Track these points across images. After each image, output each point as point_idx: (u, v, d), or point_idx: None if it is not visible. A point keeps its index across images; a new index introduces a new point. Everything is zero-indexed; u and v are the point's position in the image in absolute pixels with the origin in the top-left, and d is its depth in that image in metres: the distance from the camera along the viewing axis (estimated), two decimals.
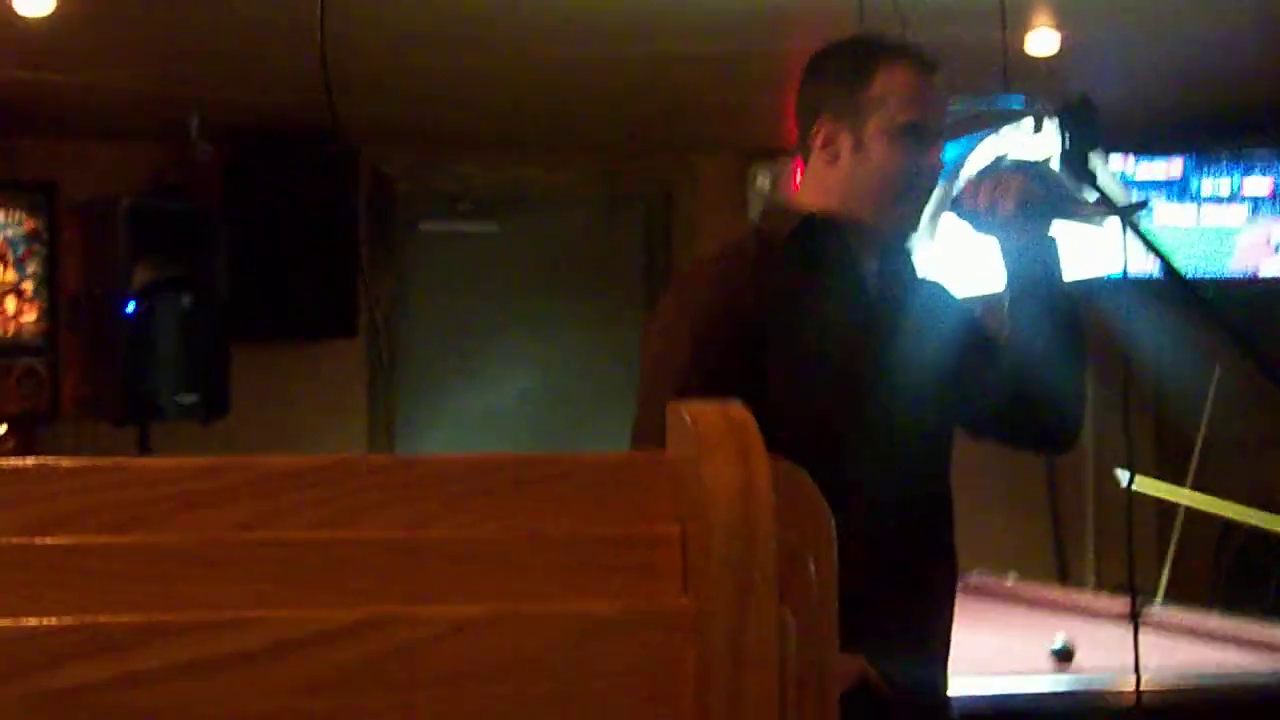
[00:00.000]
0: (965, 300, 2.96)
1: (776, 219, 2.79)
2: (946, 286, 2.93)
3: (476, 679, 1.08)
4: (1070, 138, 2.61)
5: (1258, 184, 6.75)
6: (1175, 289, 2.66)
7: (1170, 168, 6.79)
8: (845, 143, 2.70)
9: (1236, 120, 6.67)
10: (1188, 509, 6.64)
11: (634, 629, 1.09)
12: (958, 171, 3.00)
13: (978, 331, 2.87)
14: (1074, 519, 7.33)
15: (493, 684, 1.08)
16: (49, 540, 1.05)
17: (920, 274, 2.88)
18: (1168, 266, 2.38)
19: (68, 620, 1.03)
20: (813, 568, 1.13)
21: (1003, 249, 2.78)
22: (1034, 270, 2.76)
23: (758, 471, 1.10)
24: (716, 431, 1.11)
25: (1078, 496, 7.39)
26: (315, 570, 1.08)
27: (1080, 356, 2.82)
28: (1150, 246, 2.43)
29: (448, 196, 7.64)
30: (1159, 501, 7.29)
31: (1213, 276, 6.65)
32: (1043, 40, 5.45)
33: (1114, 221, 2.61)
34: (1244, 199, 6.76)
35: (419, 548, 1.09)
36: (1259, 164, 6.74)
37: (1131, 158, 6.74)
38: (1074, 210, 2.69)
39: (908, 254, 2.84)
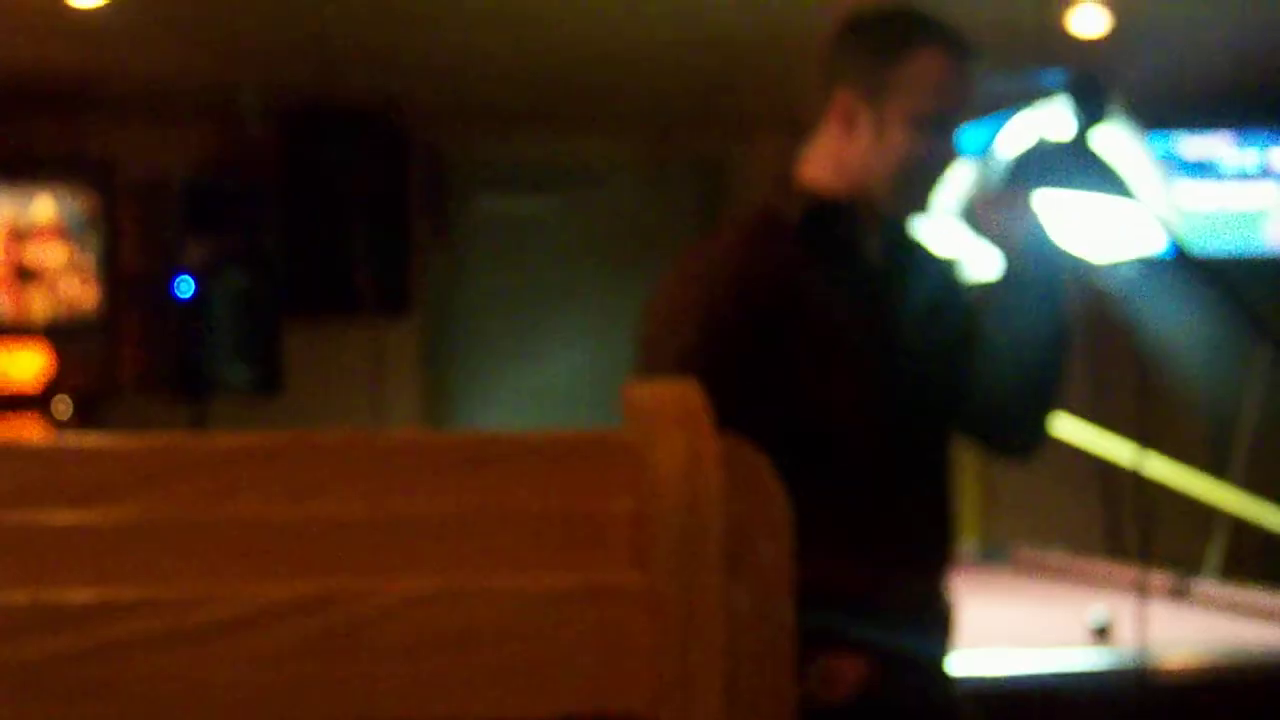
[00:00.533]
0: (971, 284, 2.89)
1: (786, 198, 2.68)
2: (959, 262, 2.87)
3: (431, 651, 1.10)
4: (1076, 117, 2.59)
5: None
6: (1188, 270, 2.63)
7: (1214, 144, 6.74)
8: (864, 119, 2.62)
9: None
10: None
11: (586, 602, 1.12)
12: (992, 149, 2.98)
13: (974, 323, 2.81)
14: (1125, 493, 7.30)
15: (447, 656, 1.10)
16: (7, 516, 1.07)
17: (931, 250, 2.81)
18: (1178, 248, 2.37)
19: (25, 595, 1.06)
20: (766, 545, 1.15)
21: (1006, 260, 2.70)
22: (1033, 286, 2.68)
23: (706, 449, 1.12)
24: (666, 410, 1.13)
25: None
26: (272, 546, 1.10)
27: (1057, 376, 2.74)
28: (1163, 228, 2.41)
29: (501, 172, 7.68)
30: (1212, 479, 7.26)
31: (1242, 254, 6.61)
32: (1086, 17, 5.42)
33: (1134, 201, 2.59)
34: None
35: (374, 524, 1.12)
36: None
37: (1178, 134, 6.70)
38: (1095, 186, 2.64)
39: (912, 235, 2.76)
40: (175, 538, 1.10)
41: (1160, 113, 6.56)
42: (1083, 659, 3.60)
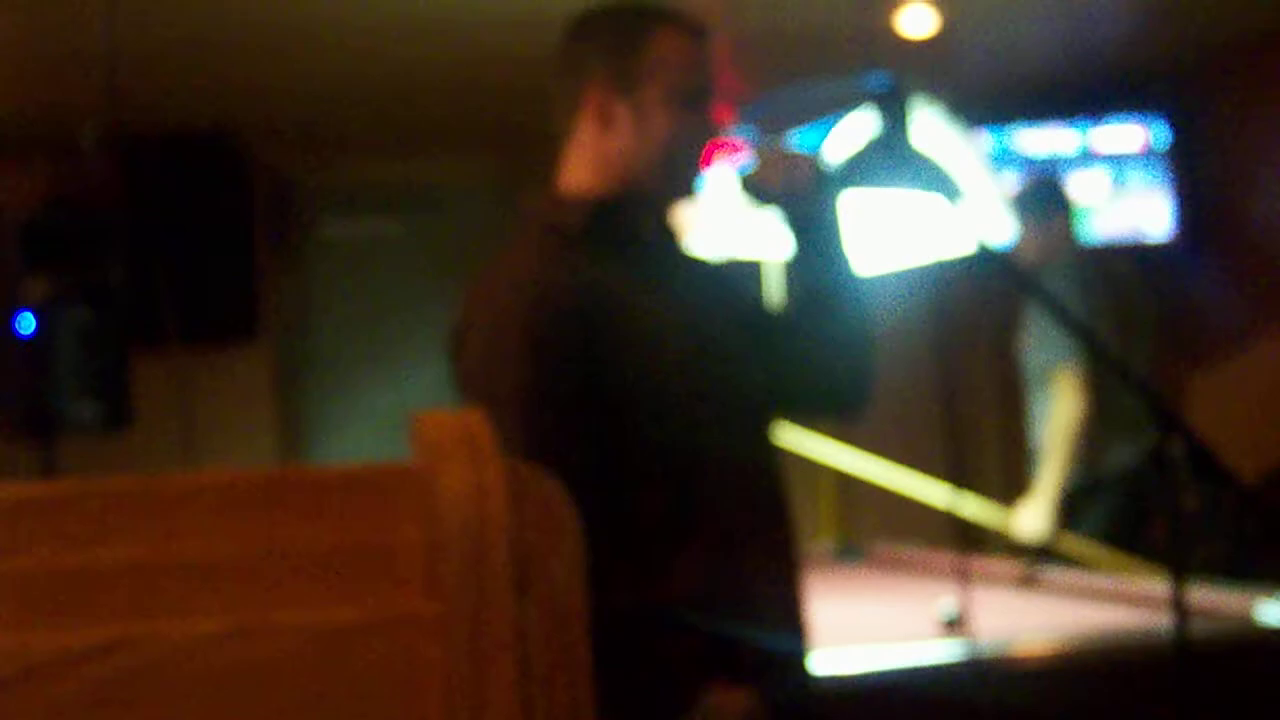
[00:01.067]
0: (725, 267, 2.91)
1: (560, 208, 2.64)
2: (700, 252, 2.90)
3: (227, 690, 1.12)
4: (882, 123, 2.64)
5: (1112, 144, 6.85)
6: (996, 268, 2.68)
7: (1045, 136, 6.88)
8: (621, 111, 2.60)
9: (1113, 86, 6.77)
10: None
11: (378, 633, 1.13)
12: (819, 153, 3.02)
13: (757, 300, 2.85)
14: (978, 484, 7.41)
15: (243, 693, 1.12)
16: None
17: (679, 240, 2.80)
18: (986, 246, 2.42)
19: None
20: (557, 566, 1.17)
21: (789, 222, 2.72)
22: (819, 242, 2.70)
23: (490, 475, 1.14)
24: (450, 439, 1.15)
25: (978, 459, 7.48)
26: (61, 594, 1.11)
27: (864, 324, 2.76)
28: (969, 236, 2.47)
29: (346, 195, 7.66)
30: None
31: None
32: (915, 18, 5.51)
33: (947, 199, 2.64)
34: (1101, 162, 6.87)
35: (164, 567, 1.13)
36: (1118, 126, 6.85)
37: (1010, 127, 6.83)
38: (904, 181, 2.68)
39: (672, 224, 2.75)
40: None
41: (991, 108, 6.69)
42: (932, 652, 3.65)
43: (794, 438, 5.17)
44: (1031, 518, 5.53)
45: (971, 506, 5.58)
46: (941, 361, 5.29)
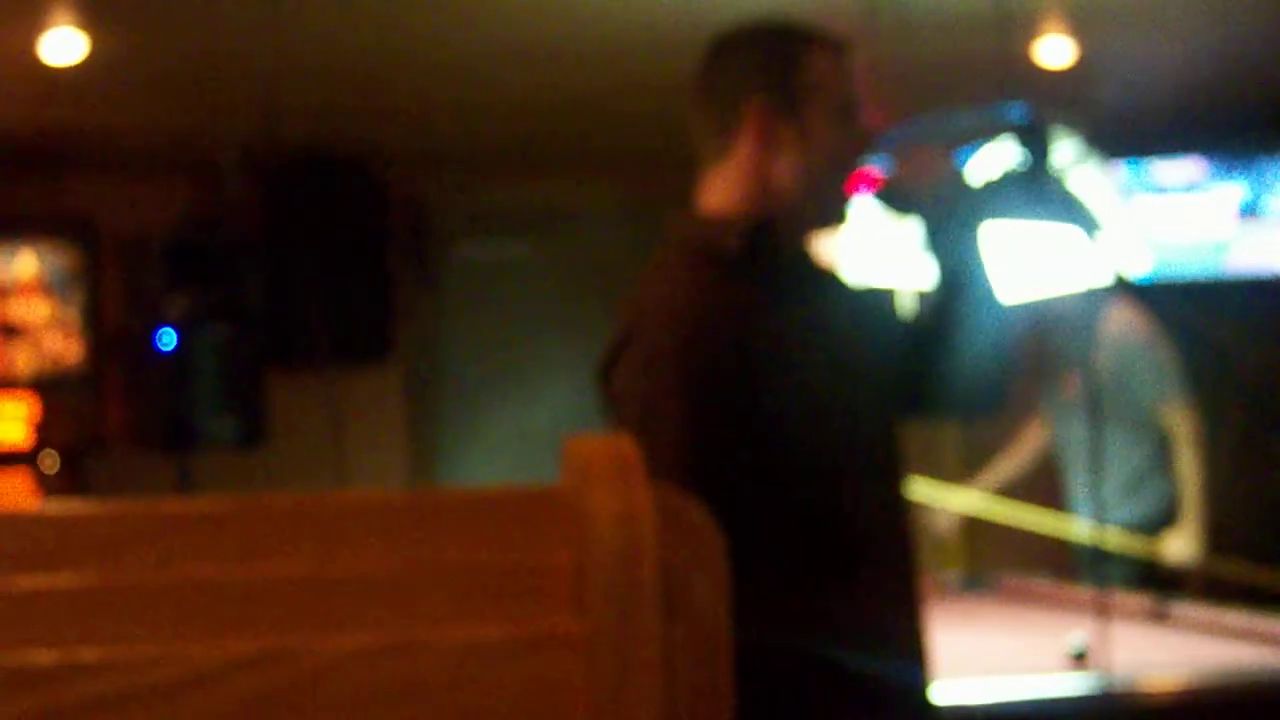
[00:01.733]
0: (871, 293, 2.88)
1: (714, 231, 2.59)
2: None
3: (377, 705, 1.14)
4: (1023, 154, 2.63)
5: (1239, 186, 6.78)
6: (1134, 299, 2.67)
7: (1181, 170, 6.81)
8: (787, 131, 2.56)
9: (1256, 119, 6.69)
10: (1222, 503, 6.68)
11: (526, 652, 1.16)
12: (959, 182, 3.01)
13: (899, 321, 2.82)
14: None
15: (392, 709, 1.15)
16: None
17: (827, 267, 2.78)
18: (1122, 278, 2.42)
19: None
20: (703, 587, 1.19)
21: (927, 228, 2.69)
22: (958, 248, 2.67)
23: (639, 498, 1.16)
24: (600, 462, 1.17)
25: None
26: (221, 606, 1.15)
27: (998, 325, 2.72)
28: (1104, 265, 2.46)
29: (481, 217, 7.74)
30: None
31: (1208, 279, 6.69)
32: (1054, 48, 5.49)
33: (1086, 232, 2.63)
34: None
35: (319, 582, 1.16)
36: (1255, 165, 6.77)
37: (1146, 160, 6.77)
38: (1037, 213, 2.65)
39: (818, 250, 2.73)
40: (131, 601, 1.15)
41: (1127, 140, 6.63)
42: (1060, 685, 3.62)
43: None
44: (1181, 544, 5.54)
45: (1109, 537, 5.54)
46: (1088, 390, 5.23)
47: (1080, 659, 3.85)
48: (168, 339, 6.10)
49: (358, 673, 1.14)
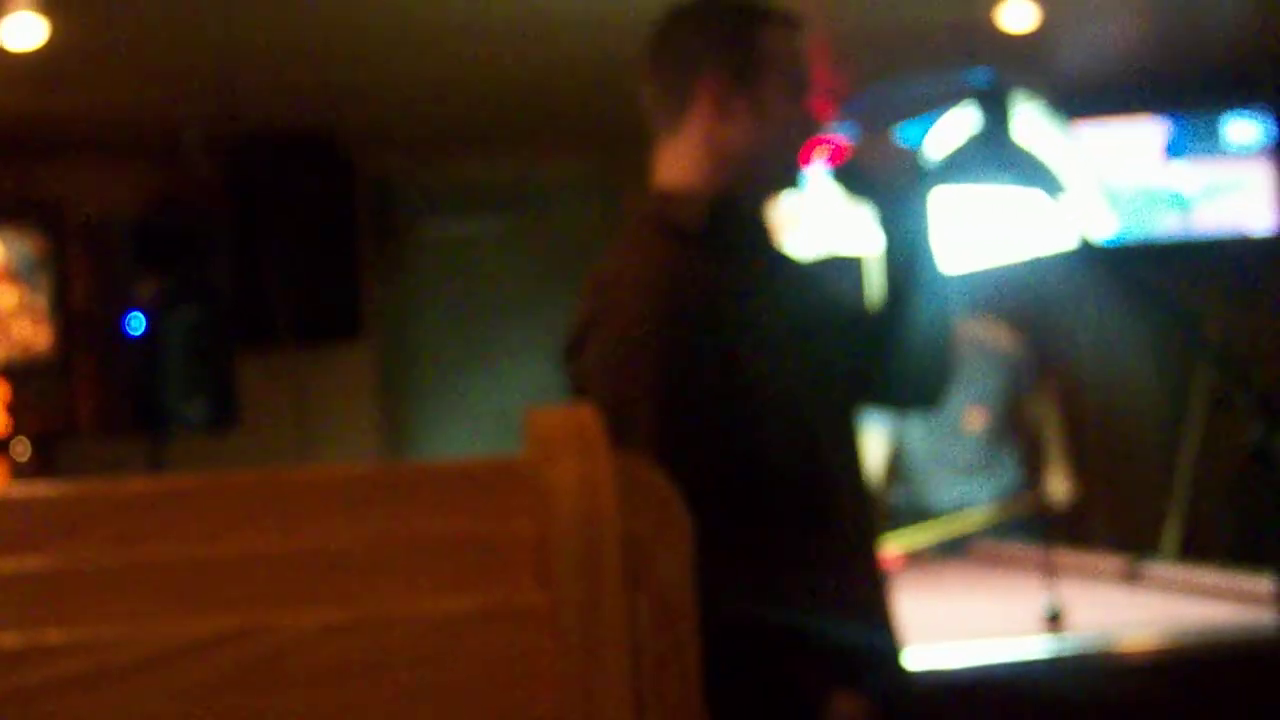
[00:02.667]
0: (820, 265, 2.90)
1: (675, 206, 2.58)
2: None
3: (346, 678, 1.15)
4: (984, 119, 2.63)
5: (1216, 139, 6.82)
6: (1101, 261, 2.67)
7: (1148, 130, 6.83)
8: (741, 104, 2.56)
9: (1218, 80, 6.71)
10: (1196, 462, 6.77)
11: (491, 624, 1.16)
12: (921, 150, 3.01)
13: (850, 299, 2.84)
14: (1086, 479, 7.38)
15: (362, 682, 1.15)
16: None
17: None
18: (1088, 241, 2.42)
19: None
20: (666, 557, 1.20)
21: (881, 218, 2.69)
22: (908, 238, 2.68)
23: (599, 468, 1.16)
24: (561, 433, 1.18)
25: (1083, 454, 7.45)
26: (189, 584, 1.15)
27: (943, 322, 2.75)
28: (1068, 228, 2.46)
29: (448, 194, 7.72)
30: (1166, 457, 7.38)
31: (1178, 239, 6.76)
32: (1017, 14, 5.48)
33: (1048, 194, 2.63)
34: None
35: (286, 558, 1.16)
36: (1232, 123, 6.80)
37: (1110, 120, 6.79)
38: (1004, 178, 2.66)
39: (771, 223, 2.72)
40: (97, 581, 1.15)
41: (1089, 102, 6.64)
42: (1034, 647, 3.64)
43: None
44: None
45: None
46: (1050, 360, 5.38)
47: (1054, 620, 3.87)
48: (136, 323, 6.06)
49: (324, 648, 1.14)
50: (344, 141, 7.07)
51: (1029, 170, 2.67)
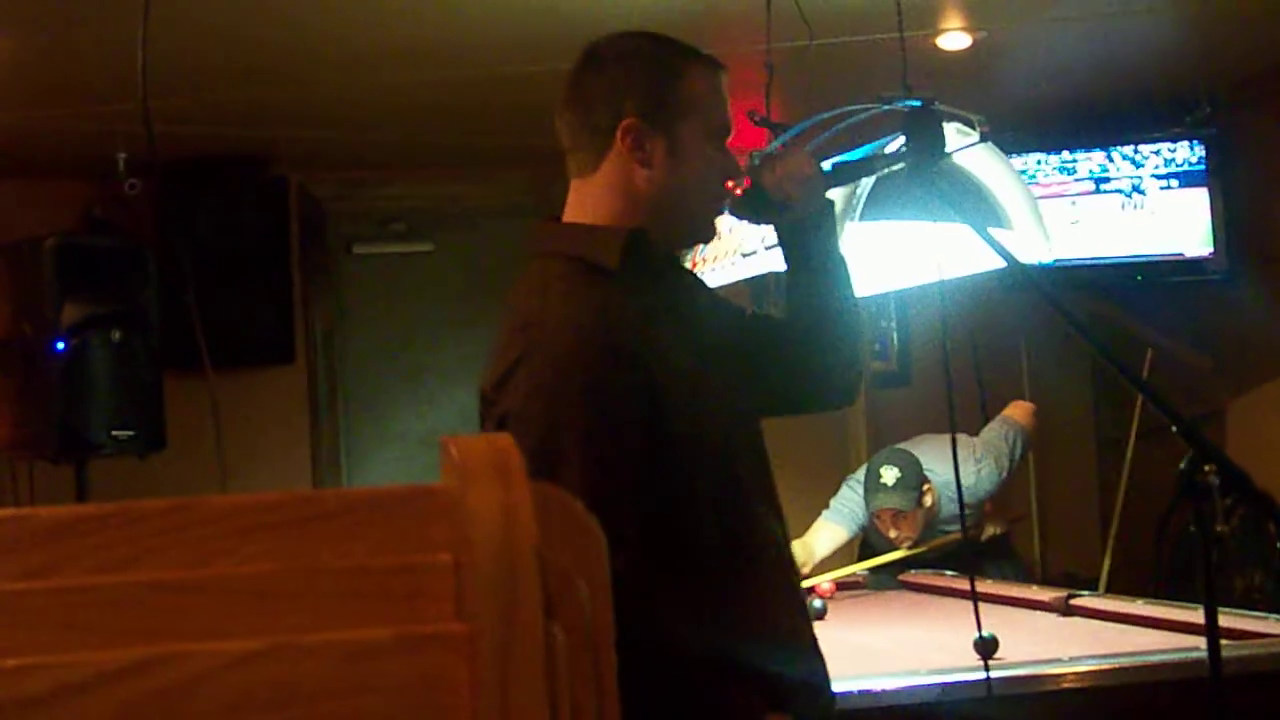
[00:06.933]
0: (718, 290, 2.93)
1: (593, 241, 2.55)
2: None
3: (259, 709, 1.12)
4: (914, 144, 2.63)
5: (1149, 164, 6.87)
6: (1024, 285, 2.67)
7: (1085, 160, 6.88)
8: (657, 146, 2.54)
9: (1153, 109, 6.76)
10: (1126, 499, 6.80)
11: (408, 653, 1.14)
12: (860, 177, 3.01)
13: (758, 320, 2.86)
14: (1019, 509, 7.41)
15: (274, 713, 1.12)
16: None
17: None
18: (1007, 259, 2.43)
19: None
20: (584, 585, 1.18)
21: (782, 227, 2.72)
22: (817, 248, 2.73)
23: (518, 498, 1.14)
24: (479, 461, 1.16)
25: (1021, 487, 7.47)
26: (96, 614, 1.12)
27: (855, 310, 2.78)
28: (991, 244, 2.47)
29: (380, 218, 7.69)
30: (1102, 492, 7.43)
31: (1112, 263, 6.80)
32: (953, 41, 5.51)
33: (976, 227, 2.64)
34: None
35: (198, 586, 1.13)
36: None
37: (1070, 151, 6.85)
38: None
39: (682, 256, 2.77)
40: (3, 610, 1.12)
41: (1027, 131, 6.69)
42: (967, 676, 3.63)
43: None
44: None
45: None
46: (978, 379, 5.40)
47: (987, 649, 3.86)
48: (61, 346, 5.98)
49: (238, 678, 1.11)
50: (275, 163, 7.03)
51: (963, 201, 2.67)
